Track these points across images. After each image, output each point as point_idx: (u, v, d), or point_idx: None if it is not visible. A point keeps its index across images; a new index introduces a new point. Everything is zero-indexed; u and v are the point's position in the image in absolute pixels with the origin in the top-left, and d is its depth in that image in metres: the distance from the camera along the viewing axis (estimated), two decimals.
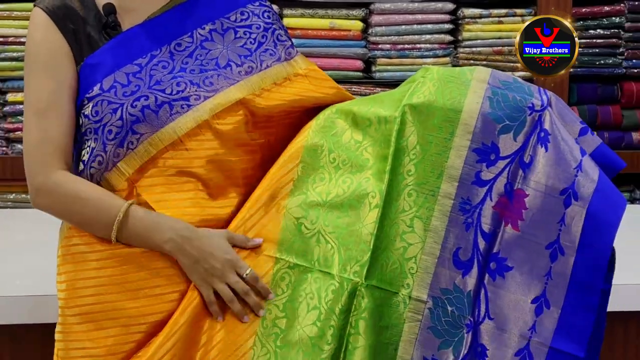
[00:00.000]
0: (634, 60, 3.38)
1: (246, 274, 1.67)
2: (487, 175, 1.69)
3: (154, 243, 1.67)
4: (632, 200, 3.48)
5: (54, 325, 1.76)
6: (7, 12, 3.11)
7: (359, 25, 3.26)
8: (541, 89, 1.74)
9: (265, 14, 1.84)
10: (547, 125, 1.69)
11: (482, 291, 1.67)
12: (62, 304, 1.71)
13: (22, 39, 3.10)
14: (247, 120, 1.77)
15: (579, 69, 3.38)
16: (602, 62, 3.37)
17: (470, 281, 1.67)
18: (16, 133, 3.12)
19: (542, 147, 1.69)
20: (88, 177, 1.71)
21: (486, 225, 1.68)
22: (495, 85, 1.72)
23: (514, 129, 1.70)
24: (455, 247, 1.67)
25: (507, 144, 1.69)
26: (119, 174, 1.70)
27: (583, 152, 1.70)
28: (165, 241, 1.67)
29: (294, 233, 1.72)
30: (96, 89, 1.70)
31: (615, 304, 2.11)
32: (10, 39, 3.12)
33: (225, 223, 1.74)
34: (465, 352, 1.65)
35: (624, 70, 3.39)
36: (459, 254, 1.67)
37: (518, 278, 1.67)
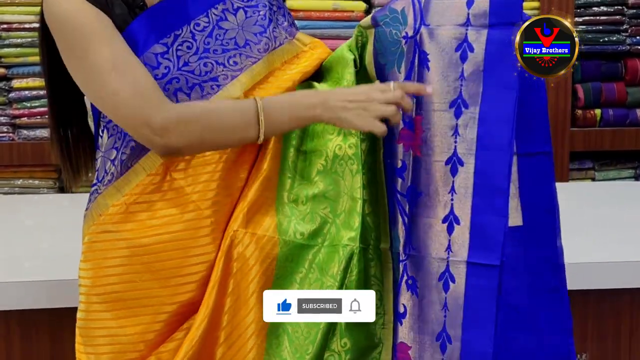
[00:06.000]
0: (637, 37, 3.37)
1: (393, 86, 1.66)
2: None
3: (303, 116, 1.66)
4: (637, 177, 3.47)
5: (63, 309, 1.77)
6: None
7: (361, 5, 3.26)
8: (415, 6, 1.70)
9: None
10: (424, 47, 1.69)
11: (406, 224, 1.69)
12: (86, 291, 1.69)
13: (27, 25, 3.10)
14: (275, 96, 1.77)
15: (582, 47, 3.36)
16: (605, 39, 3.36)
17: (398, 217, 1.70)
18: (22, 119, 3.12)
19: (424, 68, 1.69)
20: (119, 162, 1.68)
21: (397, 161, 1.71)
22: (376, 25, 1.74)
23: (395, 62, 1.72)
24: (390, 192, 1.73)
25: (395, 78, 1.71)
26: (154, 158, 1.68)
27: (464, 59, 1.67)
28: (313, 107, 1.65)
29: (287, 215, 1.74)
30: None
31: (619, 280, 2.13)
32: (14, 26, 3.11)
33: (236, 198, 1.73)
34: (400, 280, 1.69)
35: (628, 47, 3.38)
36: (393, 200, 1.72)
37: (427, 201, 1.67)
